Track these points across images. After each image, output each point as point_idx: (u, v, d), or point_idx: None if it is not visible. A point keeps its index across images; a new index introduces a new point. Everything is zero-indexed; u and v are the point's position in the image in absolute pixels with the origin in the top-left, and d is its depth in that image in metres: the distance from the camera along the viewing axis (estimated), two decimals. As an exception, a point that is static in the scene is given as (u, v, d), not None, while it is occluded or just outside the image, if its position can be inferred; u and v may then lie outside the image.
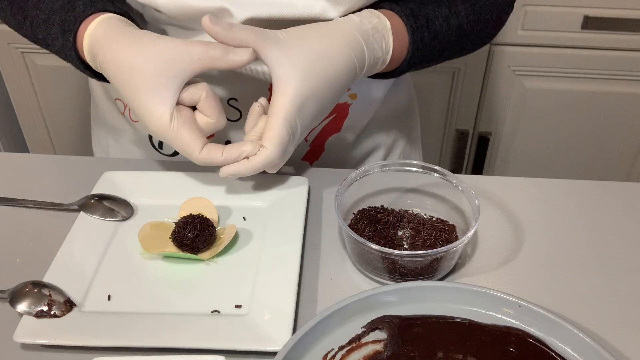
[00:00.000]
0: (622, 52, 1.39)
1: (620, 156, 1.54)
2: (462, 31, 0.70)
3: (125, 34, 0.61)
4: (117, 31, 0.61)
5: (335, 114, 0.77)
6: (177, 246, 0.60)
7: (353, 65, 0.62)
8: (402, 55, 0.67)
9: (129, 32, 0.62)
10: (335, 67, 0.61)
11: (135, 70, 0.59)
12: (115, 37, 0.61)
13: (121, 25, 0.62)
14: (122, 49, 0.60)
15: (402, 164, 0.66)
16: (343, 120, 0.78)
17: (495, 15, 0.73)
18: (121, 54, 0.60)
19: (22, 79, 1.52)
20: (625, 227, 0.66)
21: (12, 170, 0.74)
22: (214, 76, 0.72)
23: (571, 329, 0.50)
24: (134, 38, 0.61)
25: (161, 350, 0.52)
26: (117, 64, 0.60)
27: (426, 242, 0.61)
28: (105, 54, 0.61)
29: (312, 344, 0.50)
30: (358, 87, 0.76)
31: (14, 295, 0.55)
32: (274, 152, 0.59)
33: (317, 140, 0.78)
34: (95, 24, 0.62)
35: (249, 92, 0.73)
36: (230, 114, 0.75)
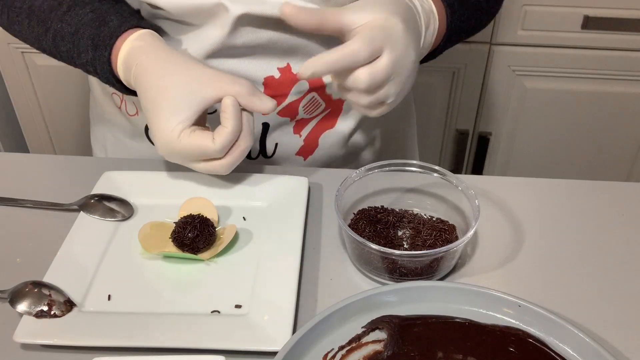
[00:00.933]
0: (622, 52, 1.39)
1: (620, 156, 1.54)
2: (480, 6, 0.73)
3: (159, 54, 0.63)
4: (153, 49, 0.63)
5: (329, 109, 0.77)
6: (177, 246, 0.60)
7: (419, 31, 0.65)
8: (443, 28, 0.69)
9: (163, 52, 0.64)
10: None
11: (162, 90, 0.61)
12: (150, 55, 0.63)
13: (156, 43, 0.64)
14: (154, 69, 0.62)
15: (402, 164, 0.66)
16: (337, 116, 0.78)
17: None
18: (152, 75, 0.62)
19: (22, 79, 1.52)
20: (625, 227, 0.66)
21: (12, 170, 0.74)
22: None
23: (571, 329, 0.50)
24: (168, 59, 0.63)
25: (161, 350, 0.52)
26: (148, 82, 0.62)
27: (426, 242, 0.61)
28: (139, 70, 0.62)
29: (312, 344, 0.50)
30: None
31: (14, 295, 0.55)
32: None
33: (311, 136, 0.78)
34: (131, 40, 0.64)
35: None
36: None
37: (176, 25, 0.71)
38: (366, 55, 0.58)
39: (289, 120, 0.76)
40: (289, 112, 0.75)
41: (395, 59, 0.59)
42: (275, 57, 0.71)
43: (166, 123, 0.60)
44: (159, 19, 0.71)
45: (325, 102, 0.76)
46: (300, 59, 0.72)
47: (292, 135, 0.77)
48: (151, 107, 0.62)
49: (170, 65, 0.62)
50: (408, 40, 0.61)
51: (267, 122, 0.75)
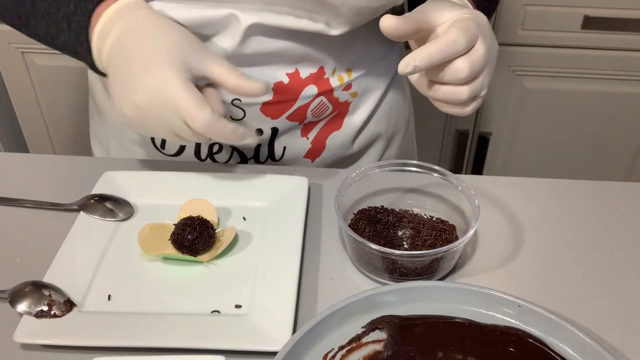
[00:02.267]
0: (622, 52, 1.39)
1: (620, 156, 1.54)
2: None
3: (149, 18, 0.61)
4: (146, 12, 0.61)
5: (336, 111, 0.77)
6: (176, 248, 0.60)
7: None
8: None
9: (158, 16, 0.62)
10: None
11: (156, 42, 0.59)
12: (144, 13, 0.61)
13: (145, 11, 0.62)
14: (148, 24, 0.60)
15: (402, 164, 0.66)
16: (344, 117, 0.79)
17: None
18: (145, 30, 0.60)
19: (22, 79, 1.52)
20: (625, 227, 0.66)
21: (12, 170, 0.74)
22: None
23: (571, 329, 0.50)
24: (162, 20, 0.61)
25: (161, 350, 0.52)
26: (138, 36, 0.60)
27: (426, 242, 0.61)
28: (128, 25, 0.60)
29: (312, 344, 0.50)
30: (358, 85, 0.77)
31: (14, 295, 0.55)
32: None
33: (318, 138, 0.78)
34: (117, 4, 0.62)
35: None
36: (234, 113, 0.75)
37: None
38: (465, 43, 0.56)
39: (298, 124, 0.76)
40: (297, 116, 0.75)
41: (488, 48, 0.59)
42: (284, 64, 0.72)
43: (158, 70, 0.57)
44: None
45: (332, 105, 0.76)
46: (309, 65, 0.72)
47: (299, 138, 0.77)
48: (135, 59, 0.59)
49: (163, 26, 0.60)
50: (492, 31, 0.61)
51: (276, 127, 0.75)
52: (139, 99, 0.58)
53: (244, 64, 0.71)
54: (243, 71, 0.61)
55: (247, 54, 0.69)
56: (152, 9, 0.63)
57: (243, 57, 0.70)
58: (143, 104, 0.58)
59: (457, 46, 0.56)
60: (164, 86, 0.57)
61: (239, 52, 0.69)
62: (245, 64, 0.71)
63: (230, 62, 0.62)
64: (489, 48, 0.59)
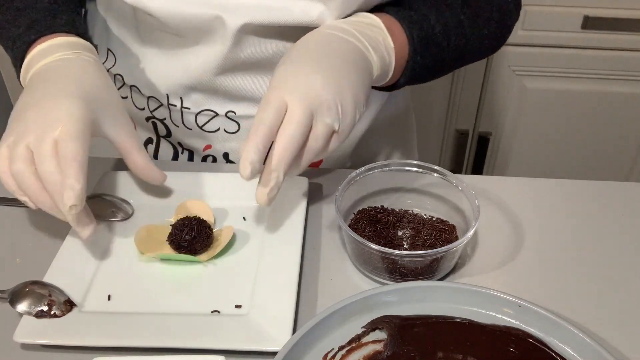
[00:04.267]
0: (622, 52, 1.39)
1: (620, 156, 1.54)
2: (459, 20, 0.69)
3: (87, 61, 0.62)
4: (65, 62, 0.61)
5: None
6: (174, 248, 0.60)
7: (357, 48, 0.61)
8: (404, 56, 0.67)
9: (93, 62, 0.62)
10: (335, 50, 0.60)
11: (77, 80, 0.59)
12: (58, 65, 0.61)
13: (76, 59, 0.62)
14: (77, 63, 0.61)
15: (402, 163, 0.66)
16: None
17: (498, 16, 0.73)
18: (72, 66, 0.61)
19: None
20: (625, 227, 0.66)
21: (12, 170, 0.74)
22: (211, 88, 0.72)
23: (571, 329, 0.50)
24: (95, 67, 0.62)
25: (161, 350, 0.52)
26: (62, 69, 0.60)
27: (426, 242, 0.61)
28: (59, 59, 0.61)
29: (312, 344, 0.50)
30: None
31: (14, 295, 0.55)
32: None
33: None
34: (57, 40, 0.63)
35: (246, 105, 0.73)
36: (229, 126, 0.75)
37: (173, 37, 0.70)
38: (268, 120, 0.54)
39: None
40: None
41: (302, 104, 0.55)
42: None
43: (67, 96, 0.55)
44: (155, 30, 0.71)
45: None
46: None
47: None
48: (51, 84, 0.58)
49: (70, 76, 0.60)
50: (307, 71, 0.57)
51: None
52: (29, 112, 0.56)
53: (241, 70, 0.70)
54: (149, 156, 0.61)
55: (241, 58, 0.69)
56: (91, 55, 0.63)
57: (237, 63, 0.69)
58: (29, 115, 0.55)
59: (263, 121, 0.54)
60: (61, 107, 0.55)
61: (233, 57, 0.68)
62: (241, 70, 0.70)
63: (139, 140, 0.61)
64: (304, 101, 0.55)
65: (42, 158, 0.53)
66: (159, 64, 0.74)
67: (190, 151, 0.79)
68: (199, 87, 0.72)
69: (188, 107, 0.75)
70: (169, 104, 0.75)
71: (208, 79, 0.71)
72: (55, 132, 0.54)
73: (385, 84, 0.69)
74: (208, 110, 0.74)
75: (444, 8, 0.69)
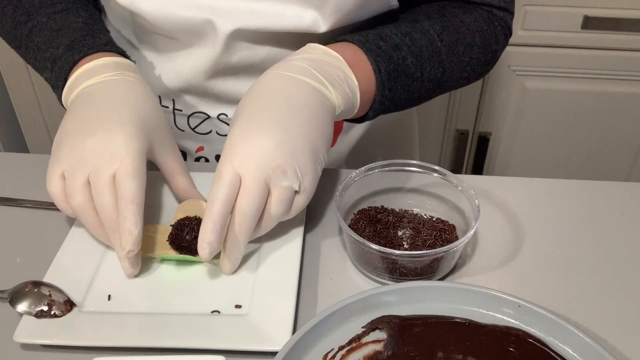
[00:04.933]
0: (622, 52, 1.39)
1: (620, 156, 1.54)
2: (436, 48, 0.66)
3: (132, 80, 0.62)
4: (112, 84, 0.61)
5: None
6: (174, 249, 0.60)
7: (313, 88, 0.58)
8: (371, 89, 0.64)
9: (138, 81, 0.62)
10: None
11: (112, 105, 0.59)
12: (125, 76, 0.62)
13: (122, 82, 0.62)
14: (122, 85, 0.61)
15: (402, 164, 0.66)
16: (337, 134, 0.78)
17: (480, 42, 0.70)
18: (118, 88, 0.60)
19: (22, 79, 1.52)
20: (625, 227, 0.66)
21: (12, 170, 0.74)
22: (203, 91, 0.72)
23: (571, 329, 0.50)
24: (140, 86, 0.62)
25: (161, 350, 0.52)
26: (93, 98, 0.60)
27: (426, 242, 0.61)
28: (104, 80, 0.61)
29: (312, 344, 0.50)
30: None
31: (14, 295, 0.55)
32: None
33: None
34: (102, 61, 0.63)
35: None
36: (221, 128, 0.75)
37: (166, 40, 0.70)
38: (222, 193, 0.54)
39: None
40: None
41: (253, 172, 0.54)
42: None
43: (123, 125, 0.56)
44: (149, 32, 0.71)
45: None
46: None
47: None
48: (101, 108, 0.58)
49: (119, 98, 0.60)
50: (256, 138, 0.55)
51: None
52: (86, 141, 0.56)
53: (231, 74, 0.70)
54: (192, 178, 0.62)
55: (232, 63, 0.68)
56: (136, 76, 0.63)
57: (227, 67, 0.69)
58: (86, 144, 0.56)
59: (215, 206, 0.53)
60: (119, 139, 0.55)
61: (223, 61, 0.68)
62: (230, 74, 0.70)
63: (184, 165, 0.62)
64: (257, 171, 0.54)
65: (100, 193, 0.55)
66: (153, 65, 0.74)
67: (183, 153, 0.79)
68: (191, 89, 0.72)
69: (180, 109, 0.75)
70: (161, 106, 0.75)
71: (199, 82, 0.71)
72: (114, 167, 0.55)
73: (353, 117, 0.66)
74: (200, 112, 0.74)
75: (419, 37, 0.66)
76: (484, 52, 0.71)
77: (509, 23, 0.73)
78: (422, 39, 0.66)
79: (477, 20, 0.70)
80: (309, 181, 0.57)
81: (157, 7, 0.65)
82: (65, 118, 0.60)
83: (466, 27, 0.69)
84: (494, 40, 0.71)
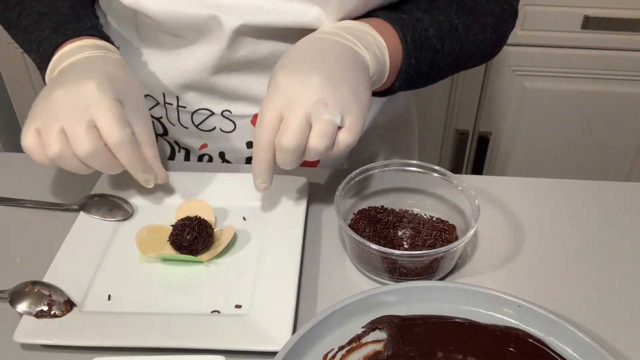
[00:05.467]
0: (622, 52, 1.39)
1: (620, 156, 1.54)
2: (453, 25, 0.69)
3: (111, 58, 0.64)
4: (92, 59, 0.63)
5: None
6: (175, 249, 0.60)
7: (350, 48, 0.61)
8: (398, 57, 0.66)
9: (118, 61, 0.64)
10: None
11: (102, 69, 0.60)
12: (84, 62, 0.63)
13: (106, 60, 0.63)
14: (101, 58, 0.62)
15: (402, 164, 0.66)
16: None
17: (493, 22, 0.72)
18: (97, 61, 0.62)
19: (22, 79, 1.52)
20: (625, 227, 0.66)
21: (12, 170, 0.74)
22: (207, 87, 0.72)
23: (571, 329, 0.50)
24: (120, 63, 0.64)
25: (161, 350, 0.52)
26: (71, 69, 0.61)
27: (426, 242, 0.61)
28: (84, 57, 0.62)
29: (312, 344, 0.50)
30: None
31: (14, 295, 0.55)
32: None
33: None
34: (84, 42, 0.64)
35: (242, 104, 0.73)
36: (225, 125, 0.75)
37: (171, 38, 0.70)
38: (265, 135, 0.56)
39: None
40: None
41: (298, 109, 0.55)
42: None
43: (91, 78, 0.57)
44: (154, 30, 0.71)
45: None
46: None
47: None
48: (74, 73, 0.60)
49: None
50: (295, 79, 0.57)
51: None
52: (56, 93, 0.57)
53: (235, 70, 0.70)
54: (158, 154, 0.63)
55: (236, 59, 0.69)
56: (117, 55, 0.65)
57: (232, 63, 0.69)
58: (56, 96, 0.57)
59: (262, 146, 0.57)
60: (89, 88, 0.57)
61: (228, 57, 0.68)
62: (236, 70, 0.70)
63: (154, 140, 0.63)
64: (297, 107, 0.55)
65: (79, 141, 0.56)
66: (156, 62, 0.74)
67: (186, 150, 0.79)
68: (195, 86, 0.72)
69: (184, 106, 0.75)
70: (165, 103, 0.75)
71: (203, 78, 0.71)
72: (90, 115, 0.56)
73: (379, 88, 0.68)
74: (204, 109, 0.74)
75: (438, 13, 0.68)
76: (495, 32, 0.73)
77: (515, 7, 0.75)
78: (441, 14, 0.69)
79: (488, 1, 0.72)
80: (354, 116, 0.57)
81: (162, 6, 0.65)
82: (44, 89, 0.61)
83: (480, 7, 0.71)
84: (503, 22, 0.74)
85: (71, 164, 0.57)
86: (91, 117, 0.56)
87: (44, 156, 0.57)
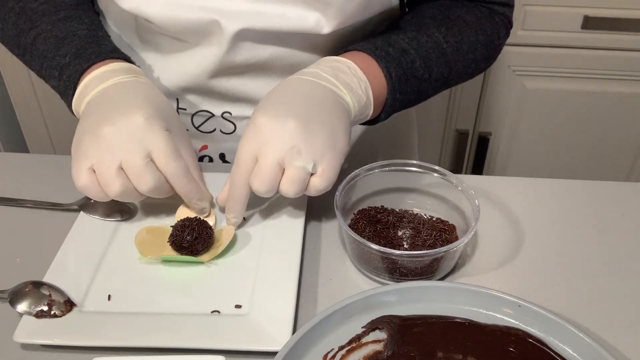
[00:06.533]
0: (622, 52, 1.39)
1: (620, 156, 1.54)
2: (442, 50, 0.69)
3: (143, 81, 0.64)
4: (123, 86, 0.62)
5: None
6: (175, 249, 0.60)
7: (332, 92, 0.61)
8: (383, 94, 0.66)
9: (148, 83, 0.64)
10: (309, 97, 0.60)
11: (139, 97, 0.60)
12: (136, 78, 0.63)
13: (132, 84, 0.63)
14: (132, 85, 0.62)
15: (402, 164, 0.66)
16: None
17: (484, 39, 0.72)
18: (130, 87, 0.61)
19: (22, 79, 1.52)
20: (625, 227, 0.66)
21: (12, 170, 0.74)
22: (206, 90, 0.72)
23: (571, 329, 0.50)
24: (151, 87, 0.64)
25: (161, 350, 0.52)
26: (122, 89, 0.61)
27: (426, 242, 0.61)
28: (115, 82, 0.61)
29: (312, 344, 0.50)
30: None
31: (14, 295, 0.55)
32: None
33: None
34: (113, 66, 0.63)
35: (242, 106, 0.73)
36: (225, 127, 0.75)
37: (172, 41, 0.70)
38: (240, 175, 0.58)
39: None
40: None
41: (273, 150, 0.56)
42: (277, 75, 0.71)
43: (138, 109, 0.57)
44: (154, 34, 0.71)
45: None
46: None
47: None
48: (115, 103, 0.59)
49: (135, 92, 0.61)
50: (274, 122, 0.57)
51: None
52: (106, 129, 0.56)
53: (235, 74, 0.70)
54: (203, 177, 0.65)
55: (236, 62, 0.69)
56: (146, 79, 0.64)
57: (232, 66, 0.69)
58: (107, 132, 0.56)
59: (236, 184, 0.59)
60: (138, 120, 0.57)
61: (228, 61, 0.68)
62: (234, 73, 0.70)
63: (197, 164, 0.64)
64: (273, 152, 0.56)
65: (141, 177, 0.56)
66: (156, 65, 0.74)
67: None
68: (195, 88, 0.72)
69: (184, 108, 0.75)
70: None
71: (203, 81, 0.71)
72: (146, 150, 0.56)
73: (365, 121, 0.68)
74: (204, 111, 0.74)
75: (425, 39, 0.68)
76: (487, 48, 0.73)
77: (509, 17, 0.75)
78: (429, 41, 0.68)
79: (479, 19, 0.72)
80: (327, 163, 0.58)
81: (163, 11, 0.65)
82: (81, 119, 0.60)
83: (469, 27, 0.71)
84: (496, 36, 0.74)
85: (132, 197, 0.58)
86: (147, 151, 0.56)
87: (103, 194, 0.57)
